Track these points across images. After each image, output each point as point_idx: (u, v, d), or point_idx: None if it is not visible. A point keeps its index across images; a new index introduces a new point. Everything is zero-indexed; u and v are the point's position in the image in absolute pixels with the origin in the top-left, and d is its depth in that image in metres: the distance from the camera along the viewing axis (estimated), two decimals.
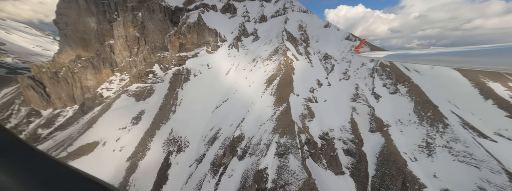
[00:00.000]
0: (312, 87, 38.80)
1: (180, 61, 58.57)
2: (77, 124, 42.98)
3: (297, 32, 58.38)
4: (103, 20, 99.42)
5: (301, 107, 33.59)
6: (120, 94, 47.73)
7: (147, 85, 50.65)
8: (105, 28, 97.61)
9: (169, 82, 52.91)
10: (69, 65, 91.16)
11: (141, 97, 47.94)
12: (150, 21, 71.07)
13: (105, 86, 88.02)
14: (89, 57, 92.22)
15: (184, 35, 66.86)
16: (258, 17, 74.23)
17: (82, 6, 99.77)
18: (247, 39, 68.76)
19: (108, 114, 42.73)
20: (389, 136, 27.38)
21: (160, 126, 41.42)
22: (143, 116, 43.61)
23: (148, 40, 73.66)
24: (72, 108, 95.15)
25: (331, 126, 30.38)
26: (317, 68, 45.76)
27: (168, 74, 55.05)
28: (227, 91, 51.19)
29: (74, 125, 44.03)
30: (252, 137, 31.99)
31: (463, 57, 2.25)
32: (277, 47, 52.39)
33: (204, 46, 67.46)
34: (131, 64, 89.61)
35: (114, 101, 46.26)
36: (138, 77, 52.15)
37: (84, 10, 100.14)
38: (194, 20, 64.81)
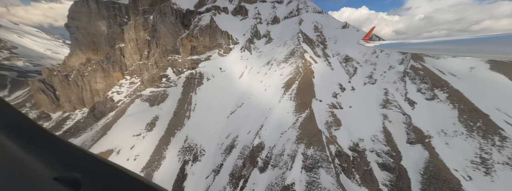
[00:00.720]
0: (335, 92, 36.39)
1: (193, 65, 57.37)
2: (90, 130, 42.21)
3: (313, 34, 56.14)
4: (114, 23, 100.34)
5: (325, 114, 31.23)
6: (134, 99, 46.78)
7: (160, 90, 49.54)
8: (116, 31, 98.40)
9: (182, 86, 51.63)
10: (79, 68, 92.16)
11: (155, 102, 46.80)
12: (162, 24, 70.54)
13: (116, 90, 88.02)
14: (99, 60, 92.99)
15: (196, 38, 65.81)
16: (270, 18, 72.47)
17: (94, 10, 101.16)
18: (260, 41, 67.00)
19: (123, 120, 41.67)
20: (432, 149, 24.59)
21: (174, 133, 39.91)
22: (157, 122, 42.30)
23: (159, 43, 73.15)
24: (81, 111, 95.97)
25: (361, 136, 27.86)
26: (337, 71, 43.30)
27: (181, 78, 53.84)
28: (242, 95, 49.36)
29: (88, 132, 43.28)
30: (274, 147, 29.83)
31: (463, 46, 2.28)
32: (293, 49, 50.28)
33: (216, 49, 66.16)
34: (141, 67, 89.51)
35: (128, 106, 45.31)
36: (152, 81, 51.18)
37: (95, 14, 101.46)
38: (206, 23, 63.67)
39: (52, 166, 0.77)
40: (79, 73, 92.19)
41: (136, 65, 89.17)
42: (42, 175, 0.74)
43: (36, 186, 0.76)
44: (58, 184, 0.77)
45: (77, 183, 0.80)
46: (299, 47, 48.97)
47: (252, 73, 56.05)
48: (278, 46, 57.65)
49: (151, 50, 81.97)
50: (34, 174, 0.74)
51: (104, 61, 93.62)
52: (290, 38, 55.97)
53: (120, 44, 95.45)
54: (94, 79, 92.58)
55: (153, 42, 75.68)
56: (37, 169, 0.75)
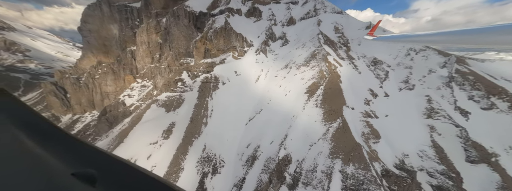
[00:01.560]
0: (367, 99, 33.19)
1: (208, 68, 55.45)
2: (106, 137, 40.88)
3: (333, 35, 53.11)
4: (126, 26, 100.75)
5: (359, 124, 28.10)
6: (150, 104, 45.20)
7: (176, 94, 47.78)
8: (127, 34, 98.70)
9: (198, 90, 49.66)
10: (90, 71, 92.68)
11: (171, 107, 44.99)
12: (175, 26, 69.40)
13: (127, 93, 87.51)
14: (110, 63, 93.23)
15: (210, 40, 64.08)
16: (285, 20, 69.95)
17: (106, 14, 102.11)
18: (275, 43, 64.49)
19: (139, 127, 40.01)
20: (503, 170, 21.01)
21: (192, 141, 37.71)
22: (174, 129, 40.32)
23: (172, 46, 71.98)
24: (91, 113, 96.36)
25: (405, 151, 24.57)
26: (366, 75, 40.05)
27: (196, 82, 51.96)
28: (260, 100, 46.78)
29: (103, 139, 41.94)
30: (303, 161, 26.92)
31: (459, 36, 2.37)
32: (314, 52, 47.38)
33: (230, 51, 64.16)
34: (152, 71, 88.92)
35: (144, 112, 43.74)
36: (167, 86, 49.58)
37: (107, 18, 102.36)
38: (221, 25, 61.85)
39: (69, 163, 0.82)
40: (90, 76, 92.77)
41: (148, 68, 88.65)
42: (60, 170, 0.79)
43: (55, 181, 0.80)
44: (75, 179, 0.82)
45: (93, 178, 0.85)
46: (321, 49, 46.04)
47: (269, 77, 53.48)
48: (296, 49, 54.88)
49: (164, 53, 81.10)
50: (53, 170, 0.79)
51: (115, 64, 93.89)
52: (309, 39, 53.12)
53: (132, 47, 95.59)
54: (104, 81, 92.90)
55: (166, 45, 74.68)
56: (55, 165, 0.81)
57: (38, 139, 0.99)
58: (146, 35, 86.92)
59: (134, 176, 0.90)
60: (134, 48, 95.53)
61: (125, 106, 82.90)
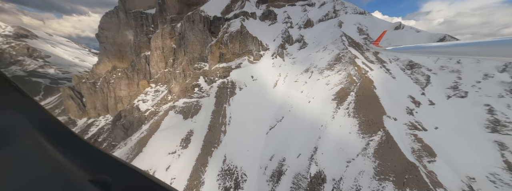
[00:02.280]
0: (408, 107, 29.30)
1: (224, 73, 53.51)
2: (124, 145, 39.50)
3: (358, 37, 49.64)
4: (141, 32, 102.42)
5: (406, 137, 24.33)
6: (168, 111, 43.63)
7: (193, 100, 46.01)
8: (142, 40, 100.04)
9: (215, 96, 47.61)
10: (106, 76, 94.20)
11: (189, 114, 43.10)
12: (190, 31, 68.74)
13: (141, 98, 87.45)
14: (124, 68, 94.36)
15: (226, 44, 62.49)
16: (302, 22, 67.31)
17: (122, 20, 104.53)
18: (292, 47, 61.77)
19: (158, 135, 38.30)
20: None
21: (212, 151, 35.22)
22: (192, 138, 38.17)
23: (187, 51, 71.22)
24: (105, 117, 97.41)
25: (470, 173, 20.50)
26: (402, 80, 36.12)
27: (213, 87, 50.04)
28: (280, 107, 43.81)
29: (122, 147, 40.63)
30: (340, 181, 23.39)
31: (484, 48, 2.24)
32: (338, 55, 44.06)
33: (245, 55, 62.11)
34: (166, 75, 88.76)
35: (163, 119, 42.12)
36: (185, 92, 47.99)
37: (123, 24, 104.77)
38: (236, 29, 60.20)
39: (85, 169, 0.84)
40: (105, 81, 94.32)
41: (162, 73, 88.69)
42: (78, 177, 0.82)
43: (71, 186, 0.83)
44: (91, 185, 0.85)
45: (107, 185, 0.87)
46: (346, 51, 42.67)
47: (288, 82, 50.54)
48: (317, 52, 51.76)
49: (178, 58, 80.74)
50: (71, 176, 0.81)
51: (129, 68, 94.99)
52: (331, 42, 49.91)
53: (146, 52, 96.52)
54: (118, 86, 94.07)
55: (180, 50, 74.16)
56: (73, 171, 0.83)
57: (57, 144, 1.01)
58: (161, 40, 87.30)
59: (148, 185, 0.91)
60: (148, 53, 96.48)
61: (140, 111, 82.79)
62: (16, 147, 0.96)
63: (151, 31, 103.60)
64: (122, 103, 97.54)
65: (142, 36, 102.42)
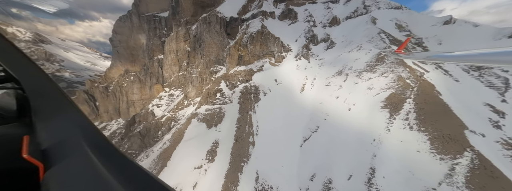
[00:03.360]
0: (491, 119, 23.69)
1: (247, 77, 49.44)
2: (146, 157, 36.27)
3: (398, 34, 44.05)
4: (154, 36, 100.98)
5: (507, 161, 18.82)
6: (191, 119, 40.13)
7: (216, 107, 42.26)
8: (155, 43, 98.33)
9: (238, 102, 43.55)
10: (118, 80, 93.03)
11: (212, 123, 39.31)
12: (207, 33, 65.54)
13: (156, 103, 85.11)
14: (136, 72, 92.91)
15: (245, 46, 58.60)
16: (326, 20, 62.30)
17: (135, 24, 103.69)
18: (318, 47, 56.86)
19: (182, 147, 34.71)
20: None
21: (241, 167, 30.96)
22: (218, 149, 34.18)
23: (203, 54, 68.04)
24: (117, 121, 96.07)
25: None
26: (468, 83, 30.37)
27: (235, 92, 46.08)
28: (312, 115, 38.95)
29: (143, 159, 37.46)
30: None
31: None
32: (379, 54, 38.77)
33: (266, 57, 57.87)
34: (180, 79, 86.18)
35: (186, 128, 38.56)
36: (207, 97, 44.44)
37: (136, 28, 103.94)
38: (257, 29, 56.20)
39: (120, 181, 0.84)
40: (117, 84, 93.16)
41: (175, 76, 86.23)
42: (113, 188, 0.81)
43: None
44: None
45: None
46: (390, 50, 37.28)
47: (317, 86, 45.63)
48: (349, 51, 46.56)
49: (194, 61, 77.88)
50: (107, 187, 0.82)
51: (142, 72, 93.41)
52: (367, 40, 44.64)
53: (159, 56, 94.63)
54: (131, 90, 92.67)
55: (197, 52, 71.15)
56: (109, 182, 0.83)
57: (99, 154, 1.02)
58: (175, 43, 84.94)
59: None
60: (161, 57, 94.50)
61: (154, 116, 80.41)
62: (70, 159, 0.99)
63: (164, 35, 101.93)
64: (134, 107, 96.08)
65: (155, 40, 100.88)
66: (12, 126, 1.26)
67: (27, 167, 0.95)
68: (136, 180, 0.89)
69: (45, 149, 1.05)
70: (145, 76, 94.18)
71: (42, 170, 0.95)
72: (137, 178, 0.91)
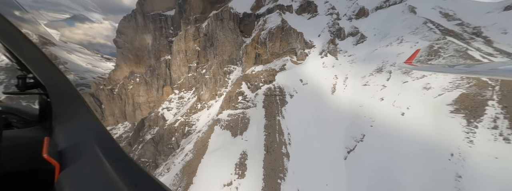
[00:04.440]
0: None
1: (269, 77, 44.29)
2: (167, 171, 31.84)
3: (447, 23, 38.13)
4: (160, 36, 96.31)
5: None
6: (213, 126, 35.48)
7: (238, 112, 37.49)
8: (162, 43, 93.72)
9: (263, 106, 38.58)
10: (124, 82, 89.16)
11: (237, 130, 34.52)
12: (221, 31, 60.52)
13: (166, 106, 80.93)
14: (142, 74, 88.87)
15: (263, 43, 53.41)
16: (352, 12, 56.49)
17: (140, 24, 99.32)
18: (345, 42, 51.22)
19: (207, 159, 30.04)
20: None
21: (279, 185, 26.05)
22: (248, 162, 29.35)
23: (216, 53, 63.18)
24: (123, 124, 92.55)
25: None
26: None
27: (258, 95, 41.12)
28: (352, 121, 33.64)
29: (164, 174, 33.07)
30: None
31: None
32: (431, 47, 33.05)
33: (286, 55, 52.56)
34: (190, 80, 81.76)
35: (209, 136, 33.87)
36: (228, 101, 39.68)
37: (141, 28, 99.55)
38: (276, 24, 50.94)
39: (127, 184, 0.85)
40: (123, 87, 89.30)
41: (185, 78, 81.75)
42: None
43: None
44: None
45: None
46: (445, 42, 31.59)
47: (352, 86, 40.19)
48: (387, 46, 40.89)
49: (202, 61, 73.21)
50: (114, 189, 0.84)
51: (147, 74, 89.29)
52: (410, 31, 38.92)
53: (166, 56, 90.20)
54: (137, 92, 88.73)
55: (208, 52, 66.38)
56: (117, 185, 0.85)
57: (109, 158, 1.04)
58: (184, 42, 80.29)
59: None
60: (168, 57, 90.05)
61: (165, 120, 76.29)
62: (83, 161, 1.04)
63: (171, 34, 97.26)
64: (140, 109, 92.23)
65: (161, 40, 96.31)
66: (34, 129, 1.38)
67: (46, 166, 1.00)
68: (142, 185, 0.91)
69: (62, 150, 1.10)
70: (151, 78, 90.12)
71: (58, 170, 1.00)
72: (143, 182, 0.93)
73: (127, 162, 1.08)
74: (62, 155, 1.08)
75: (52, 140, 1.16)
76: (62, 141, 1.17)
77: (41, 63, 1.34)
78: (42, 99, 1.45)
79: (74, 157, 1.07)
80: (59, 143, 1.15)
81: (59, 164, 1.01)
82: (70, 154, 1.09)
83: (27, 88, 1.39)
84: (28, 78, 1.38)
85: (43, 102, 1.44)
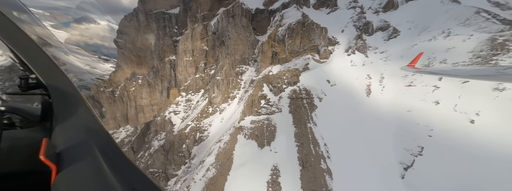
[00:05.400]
0: None
1: (293, 78, 39.23)
2: (187, 189, 27.08)
3: (503, 13, 33.00)
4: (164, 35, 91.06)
5: None
6: (235, 135, 30.56)
7: (262, 118, 32.59)
8: (166, 43, 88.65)
9: (289, 111, 33.65)
10: (125, 84, 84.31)
11: (263, 139, 29.60)
12: (233, 28, 55.59)
13: (173, 109, 76.08)
14: (145, 75, 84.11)
15: (281, 41, 48.40)
16: (378, 5, 51.30)
17: (142, 23, 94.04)
18: (373, 37, 46.13)
19: (233, 176, 25.19)
20: None
21: None
22: (282, 180, 24.50)
23: (228, 53, 58.28)
24: (125, 128, 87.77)
25: None
26: None
27: (282, 98, 36.19)
28: (401, 129, 28.59)
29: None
30: None
31: None
32: (492, 40, 27.90)
33: (306, 53, 47.51)
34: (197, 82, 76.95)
35: (233, 147, 28.91)
36: (251, 106, 34.71)
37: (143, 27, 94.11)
38: (297, 19, 45.93)
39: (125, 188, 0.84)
40: (124, 89, 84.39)
41: (192, 79, 76.89)
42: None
43: None
44: None
45: None
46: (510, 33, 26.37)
47: (392, 87, 35.13)
48: (429, 40, 35.83)
49: (213, 62, 68.39)
50: None
51: (150, 75, 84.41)
52: (458, 23, 33.87)
53: (170, 57, 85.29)
54: (139, 94, 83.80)
55: (220, 51, 61.46)
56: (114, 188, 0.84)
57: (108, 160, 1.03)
58: (191, 42, 75.41)
59: None
60: (173, 58, 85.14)
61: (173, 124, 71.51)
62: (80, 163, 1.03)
63: (176, 33, 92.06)
64: (143, 112, 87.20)
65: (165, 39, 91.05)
66: (35, 129, 1.39)
67: (43, 168, 0.99)
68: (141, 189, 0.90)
69: (60, 152, 1.09)
70: (154, 79, 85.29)
71: (55, 172, 0.99)
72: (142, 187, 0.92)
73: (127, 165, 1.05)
74: (59, 157, 1.06)
75: (51, 141, 1.14)
76: (61, 143, 1.15)
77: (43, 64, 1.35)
78: (44, 99, 1.44)
79: (72, 159, 1.04)
80: (57, 145, 1.13)
81: (56, 166, 0.99)
82: (68, 156, 1.07)
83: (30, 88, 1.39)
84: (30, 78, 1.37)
85: (45, 102, 1.43)
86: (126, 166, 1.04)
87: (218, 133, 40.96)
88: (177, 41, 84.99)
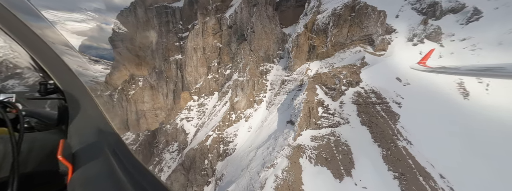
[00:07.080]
0: None
1: (352, 76, 29.67)
2: None
3: None
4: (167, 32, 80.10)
5: None
6: (297, 159, 21.10)
7: (325, 133, 23.54)
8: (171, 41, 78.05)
9: (361, 123, 24.43)
10: (123, 87, 74.23)
11: (337, 166, 20.50)
12: (258, 20, 45.68)
13: (185, 116, 66.49)
14: (146, 77, 74.09)
15: (322, 31, 38.82)
16: None
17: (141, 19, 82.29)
18: (443, 21, 36.65)
19: None
20: None
21: None
22: None
23: (252, 49, 48.60)
24: (125, 135, 77.88)
25: None
26: None
27: (345, 104, 26.91)
28: None
29: None
30: None
31: None
32: None
33: (355, 45, 38.04)
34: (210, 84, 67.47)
35: (300, 180, 19.28)
36: (308, 117, 25.24)
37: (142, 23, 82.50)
38: (344, 2, 36.14)
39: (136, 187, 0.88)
40: (123, 92, 74.33)
41: (204, 80, 67.29)
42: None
43: None
44: None
45: None
46: None
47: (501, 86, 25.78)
48: None
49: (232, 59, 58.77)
50: None
51: (152, 76, 74.35)
52: None
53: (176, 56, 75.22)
54: (141, 98, 73.65)
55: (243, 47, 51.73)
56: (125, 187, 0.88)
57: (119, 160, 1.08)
58: (202, 38, 65.52)
59: None
60: (179, 57, 75.10)
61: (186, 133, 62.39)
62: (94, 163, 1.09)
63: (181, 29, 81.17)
64: (145, 118, 77.02)
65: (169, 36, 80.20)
66: (52, 132, 1.47)
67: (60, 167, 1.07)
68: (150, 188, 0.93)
69: (75, 152, 1.17)
70: (158, 81, 75.25)
71: (71, 170, 1.05)
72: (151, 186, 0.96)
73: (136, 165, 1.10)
74: (75, 157, 1.13)
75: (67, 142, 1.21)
76: (76, 144, 1.22)
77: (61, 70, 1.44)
78: (61, 103, 1.52)
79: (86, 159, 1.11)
80: (73, 145, 1.20)
81: (72, 165, 1.06)
82: (82, 156, 1.14)
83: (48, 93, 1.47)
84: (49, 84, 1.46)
85: (61, 106, 1.52)
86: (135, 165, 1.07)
87: (248, 145, 31.71)
88: (183, 38, 74.70)
